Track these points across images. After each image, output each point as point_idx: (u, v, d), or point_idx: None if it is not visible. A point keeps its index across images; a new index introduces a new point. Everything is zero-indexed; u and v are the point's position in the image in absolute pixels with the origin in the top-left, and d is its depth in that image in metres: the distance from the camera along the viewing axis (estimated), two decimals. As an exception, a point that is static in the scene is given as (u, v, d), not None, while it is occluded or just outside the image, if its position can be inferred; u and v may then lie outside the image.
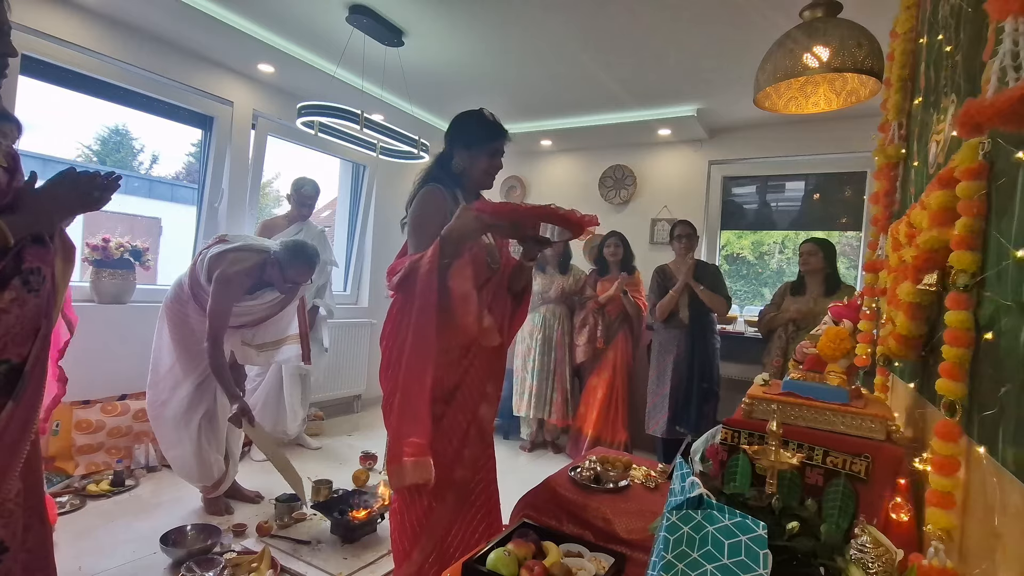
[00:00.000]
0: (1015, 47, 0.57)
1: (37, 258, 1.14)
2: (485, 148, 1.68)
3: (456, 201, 1.67)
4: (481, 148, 1.68)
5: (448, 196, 1.66)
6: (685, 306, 3.30)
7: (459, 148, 1.69)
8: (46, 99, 2.97)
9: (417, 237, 1.61)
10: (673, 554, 0.81)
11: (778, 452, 1.07)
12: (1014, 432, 0.68)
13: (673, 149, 4.38)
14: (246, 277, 2.32)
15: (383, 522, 2.44)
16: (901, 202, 1.61)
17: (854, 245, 4.20)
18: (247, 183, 3.66)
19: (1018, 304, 0.69)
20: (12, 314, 1.09)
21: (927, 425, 1.11)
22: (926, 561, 0.80)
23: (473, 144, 1.68)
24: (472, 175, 1.70)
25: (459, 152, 1.69)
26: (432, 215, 1.61)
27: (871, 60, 1.49)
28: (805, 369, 1.43)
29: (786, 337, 2.97)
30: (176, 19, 2.86)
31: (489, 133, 1.68)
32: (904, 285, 1.04)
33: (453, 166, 1.70)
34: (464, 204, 1.59)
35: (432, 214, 1.61)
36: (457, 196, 1.69)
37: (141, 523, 2.35)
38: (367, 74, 3.44)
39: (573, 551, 1.35)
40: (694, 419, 3.21)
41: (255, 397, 3.27)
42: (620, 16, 2.63)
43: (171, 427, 2.39)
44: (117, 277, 2.98)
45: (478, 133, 1.68)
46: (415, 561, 1.65)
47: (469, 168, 1.69)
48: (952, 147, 1.02)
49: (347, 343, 4.32)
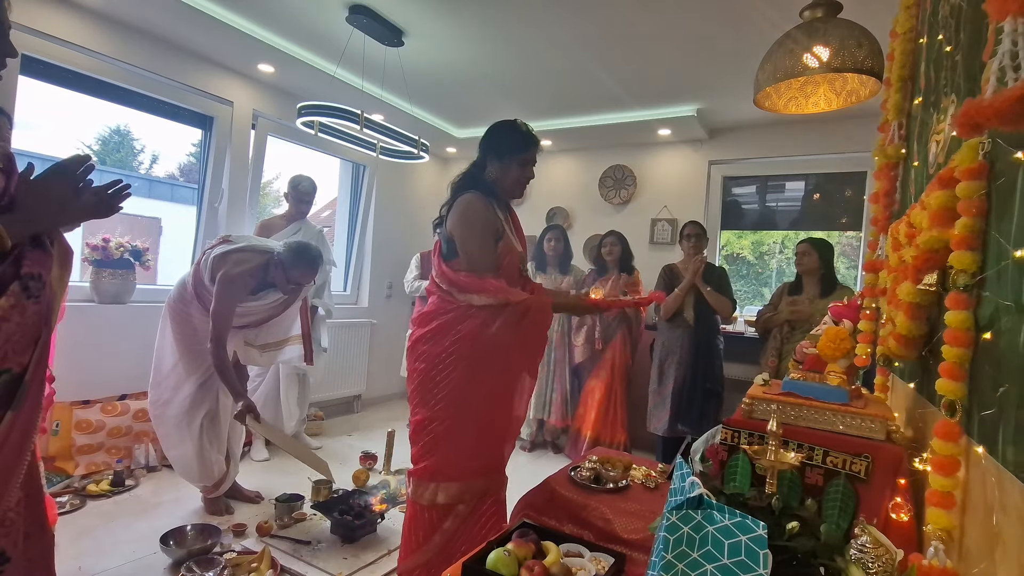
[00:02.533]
0: (1014, 47, 0.57)
1: (37, 263, 1.08)
2: (516, 158, 1.73)
3: (494, 208, 1.74)
4: (512, 158, 1.73)
5: (488, 202, 1.72)
6: (691, 306, 3.30)
7: (492, 157, 1.75)
8: (46, 99, 2.97)
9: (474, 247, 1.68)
10: (673, 554, 0.81)
11: (778, 452, 1.07)
12: (1014, 432, 0.68)
13: (673, 149, 4.38)
14: (250, 278, 2.32)
15: (383, 522, 2.44)
16: (901, 202, 1.61)
17: (854, 245, 4.21)
18: (247, 183, 3.66)
19: (1018, 304, 0.69)
20: (12, 322, 1.04)
21: (927, 425, 1.11)
22: (926, 561, 0.80)
23: (505, 154, 1.73)
24: (503, 185, 1.76)
25: (492, 161, 1.75)
26: (484, 223, 1.69)
27: (871, 60, 1.49)
28: (805, 369, 1.44)
29: (781, 337, 2.97)
30: (176, 19, 2.86)
31: (520, 143, 1.73)
32: (904, 285, 1.04)
33: (486, 175, 1.75)
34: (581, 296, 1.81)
35: (483, 222, 1.69)
36: (493, 204, 1.74)
37: (141, 523, 2.35)
38: (367, 74, 3.44)
39: (573, 551, 1.35)
40: (696, 419, 3.21)
41: (255, 397, 3.27)
42: (620, 16, 2.63)
43: (173, 427, 2.39)
44: (117, 277, 2.98)
45: (509, 143, 1.73)
46: (420, 558, 1.70)
47: (501, 178, 1.75)
48: (952, 147, 1.02)
49: (347, 343, 4.32)
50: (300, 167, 15.71)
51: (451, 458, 1.70)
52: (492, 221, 1.70)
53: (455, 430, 1.69)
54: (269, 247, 2.42)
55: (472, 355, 1.66)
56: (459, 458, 1.70)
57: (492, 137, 1.76)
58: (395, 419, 4.23)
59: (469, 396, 1.68)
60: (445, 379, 1.68)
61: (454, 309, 1.68)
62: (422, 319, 1.76)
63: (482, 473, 1.75)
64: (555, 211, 4.81)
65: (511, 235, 1.77)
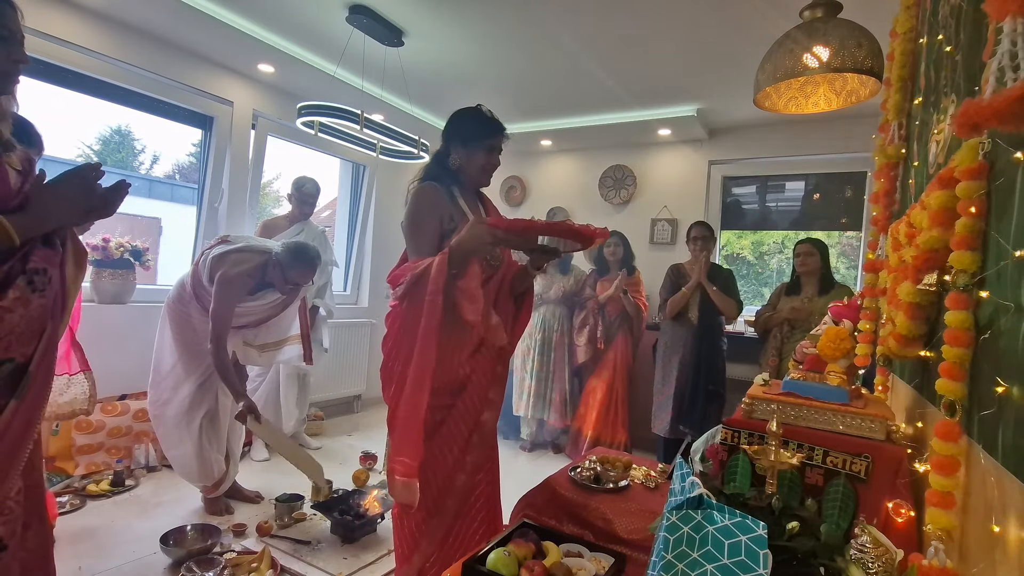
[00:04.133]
0: (1014, 47, 0.57)
1: (43, 260, 1.14)
2: (482, 144, 1.65)
3: (453, 199, 1.64)
4: (478, 144, 1.65)
5: (444, 193, 1.63)
6: (695, 306, 3.29)
7: (456, 145, 1.66)
8: (46, 99, 2.97)
9: (414, 239, 1.59)
10: (673, 554, 0.81)
11: (778, 452, 1.07)
12: (1013, 432, 0.68)
13: (673, 149, 4.38)
14: (248, 278, 2.32)
15: (383, 522, 2.44)
16: (901, 202, 1.62)
17: (854, 245, 4.20)
18: (247, 183, 3.66)
19: (1018, 304, 0.69)
20: (16, 313, 1.09)
21: (927, 425, 1.11)
22: (926, 561, 0.80)
23: (470, 140, 1.65)
24: (469, 172, 1.67)
25: (456, 149, 1.66)
26: (425, 214, 1.58)
27: (871, 60, 1.49)
28: (805, 369, 1.43)
29: (780, 337, 2.98)
30: (176, 19, 2.86)
31: (486, 129, 1.65)
32: (904, 285, 1.04)
33: (450, 163, 1.67)
34: (476, 218, 1.56)
35: (425, 212, 1.58)
36: (455, 194, 1.66)
37: (141, 523, 2.35)
38: (367, 74, 3.44)
39: (573, 551, 1.35)
40: (698, 420, 3.21)
41: (255, 398, 3.27)
42: (620, 16, 2.63)
43: (173, 427, 2.39)
44: (117, 277, 2.98)
45: (475, 129, 1.65)
46: (415, 564, 1.64)
47: (466, 165, 1.66)
48: (952, 147, 1.02)
49: (347, 343, 4.32)
50: (300, 167, 15.68)
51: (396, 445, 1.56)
52: (441, 212, 1.60)
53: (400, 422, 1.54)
54: (267, 247, 2.42)
55: (400, 348, 1.57)
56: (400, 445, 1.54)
57: (456, 123, 1.68)
58: (395, 419, 4.22)
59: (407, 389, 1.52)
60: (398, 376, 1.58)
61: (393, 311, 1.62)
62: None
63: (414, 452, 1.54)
64: (555, 211, 4.81)
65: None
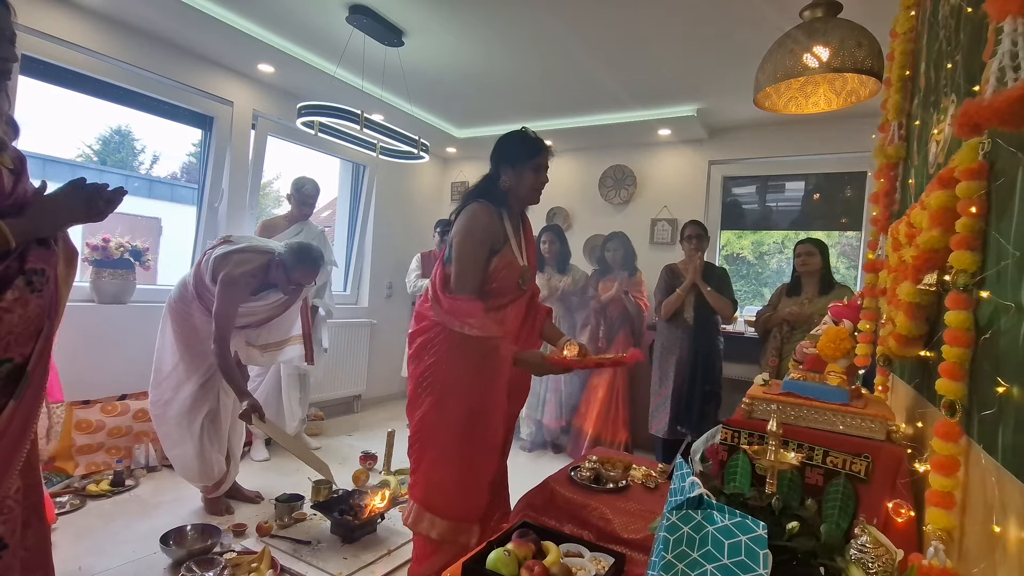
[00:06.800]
0: (1014, 47, 0.57)
1: (40, 259, 1.15)
2: (529, 164, 1.76)
3: (501, 220, 1.77)
4: (525, 164, 1.76)
5: (495, 214, 1.75)
6: (691, 306, 3.29)
7: (505, 167, 1.78)
8: (46, 99, 2.97)
9: (465, 252, 1.70)
10: (673, 554, 0.81)
11: (778, 452, 1.07)
12: (1013, 432, 0.68)
13: (673, 149, 4.38)
14: (251, 278, 2.32)
15: (383, 522, 2.44)
16: (901, 202, 1.62)
17: (854, 245, 4.20)
18: (247, 183, 3.66)
19: (1018, 304, 0.69)
20: (15, 314, 1.10)
21: (927, 425, 1.11)
22: (926, 561, 0.80)
23: (518, 161, 1.76)
24: (519, 192, 1.79)
25: (505, 171, 1.78)
26: (482, 233, 1.72)
27: (871, 60, 1.49)
28: (805, 369, 1.43)
29: (780, 337, 2.98)
30: (176, 19, 2.86)
31: (532, 149, 1.77)
32: (904, 285, 1.04)
33: (500, 184, 1.79)
34: (543, 358, 1.72)
35: (482, 231, 1.72)
36: (502, 215, 1.78)
37: (141, 523, 2.35)
38: (367, 74, 3.44)
39: (573, 551, 1.35)
40: (696, 420, 3.21)
41: (256, 397, 3.27)
42: (620, 16, 2.63)
43: (174, 426, 2.39)
44: (117, 277, 2.98)
45: (521, 151, 1.77)
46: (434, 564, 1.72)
47: (516, 186, 1.78)
48: (952, 147, 1.02)
49: (347, 343, 4.32)
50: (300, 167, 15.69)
51: (436, 486, 1.74)
52: (493, 233, 1.74)
53: (436, 461, 1.75)
54: (270, 247, 2.42)
55: (444, 383, 1.71)
56: (443, 490, 1.73)
57: (503, 146, 1.81)
58: (395, 419, 4.22)
59: (442, 428, 1.72)
60: (422, 404, 1.75)
61: (437, 324, 1.73)
62: (413, 323, 1.82)
63: (470, 510, 1.76)
64: (555, 211, 4.81)
65: (515, 248, 1.79)
